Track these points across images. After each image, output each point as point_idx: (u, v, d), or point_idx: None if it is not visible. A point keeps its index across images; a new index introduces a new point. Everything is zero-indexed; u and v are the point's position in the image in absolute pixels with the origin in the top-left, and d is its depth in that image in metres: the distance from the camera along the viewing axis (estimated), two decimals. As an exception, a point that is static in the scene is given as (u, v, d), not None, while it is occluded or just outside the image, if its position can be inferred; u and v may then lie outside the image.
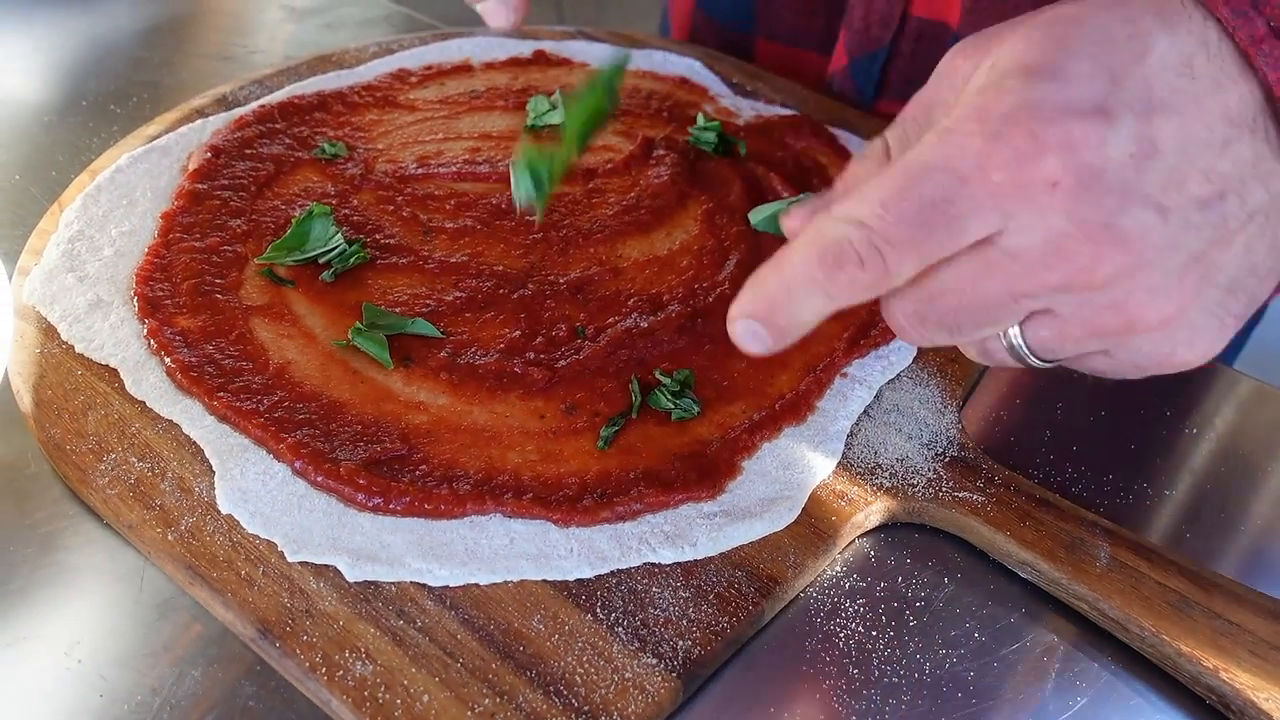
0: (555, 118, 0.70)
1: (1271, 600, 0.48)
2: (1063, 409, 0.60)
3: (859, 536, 0.52)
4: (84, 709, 0.43)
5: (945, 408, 0.56)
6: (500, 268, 0.60)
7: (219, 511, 0.48)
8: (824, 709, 0.45)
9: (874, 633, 0.48)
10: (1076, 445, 0.58)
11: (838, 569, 0.51)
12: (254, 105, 0.70)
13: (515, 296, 0.58)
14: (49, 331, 0.55)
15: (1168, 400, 0.61)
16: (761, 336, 0.41)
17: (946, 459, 0.54)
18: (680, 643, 0.45)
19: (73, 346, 0.54)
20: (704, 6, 0.89)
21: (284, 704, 0.44)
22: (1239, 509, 0.55)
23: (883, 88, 0.80)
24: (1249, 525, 0.55)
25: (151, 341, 0.54)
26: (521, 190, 0.52)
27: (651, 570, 0.48)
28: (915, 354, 0.59)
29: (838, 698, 0.46)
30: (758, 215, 0.65)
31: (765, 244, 0.64)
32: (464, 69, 0.77)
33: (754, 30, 0.85)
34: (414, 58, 0.77)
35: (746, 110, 0.75)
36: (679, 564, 0.48)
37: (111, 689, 0.43)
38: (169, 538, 0.47)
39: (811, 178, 0.69)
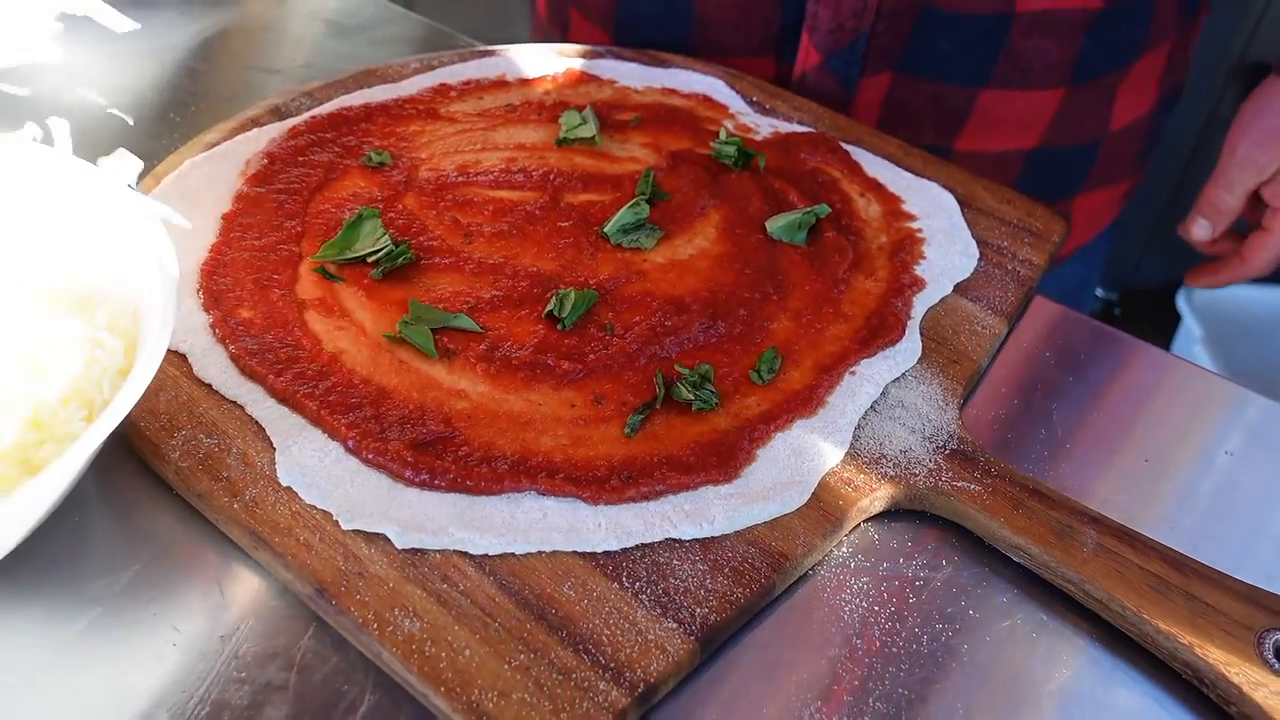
0: (585, 131, 0.75)
1: (1245, 585, 0.52)
2: (1057, 409, 0.64)
3: (865, 521, 0.56)
4: (159, 656, 0.47)
5: (947, 404, 0.60)
6: (535, 269, 0.65)
7: (279, 484, 0.52)
8: (828, 673, 0.50)
9: (876, 607, 0.53)
10: (1069, 443, 0.62)
11: (844, 550, 0.55)
12: (306, 116, 0.75)
13: (548, 296, 0.63)
14: (121, 320, 0.60)
15: (1158, 403, 0.65)
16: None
17: (946, 451, 0.58)
18: (698, 610, 0.49)
19: (143, 334, 0.59)
20: (624, 36, 0.93)
21: (337, 655, 0.48)
22: (1222, 503, 0.59)
23: (862, 71, 0.84)
24: (1230, 518, 0.59)
25: (216, 330, 0.59)
26: None
27: (672, 545, 0.52)
28: (919, 355, 0.63)
29: (841, 664, 0.50)
30: (774, 224, 0.69)
31: (780, 251, 0.68)
32: (500, 84, 0.82)
33: (690, 48, 0.89)
34: (454, 73, 0.82)
35: (765, 127, 0.80)
36: (697, 540, 0.52)
37: (184, 639, 0.48)
38: (235, 506, 0.51)
39: (825, 190, 0.73)
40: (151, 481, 0.54)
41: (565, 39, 0.98)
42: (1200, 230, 0.84)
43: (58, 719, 0.45)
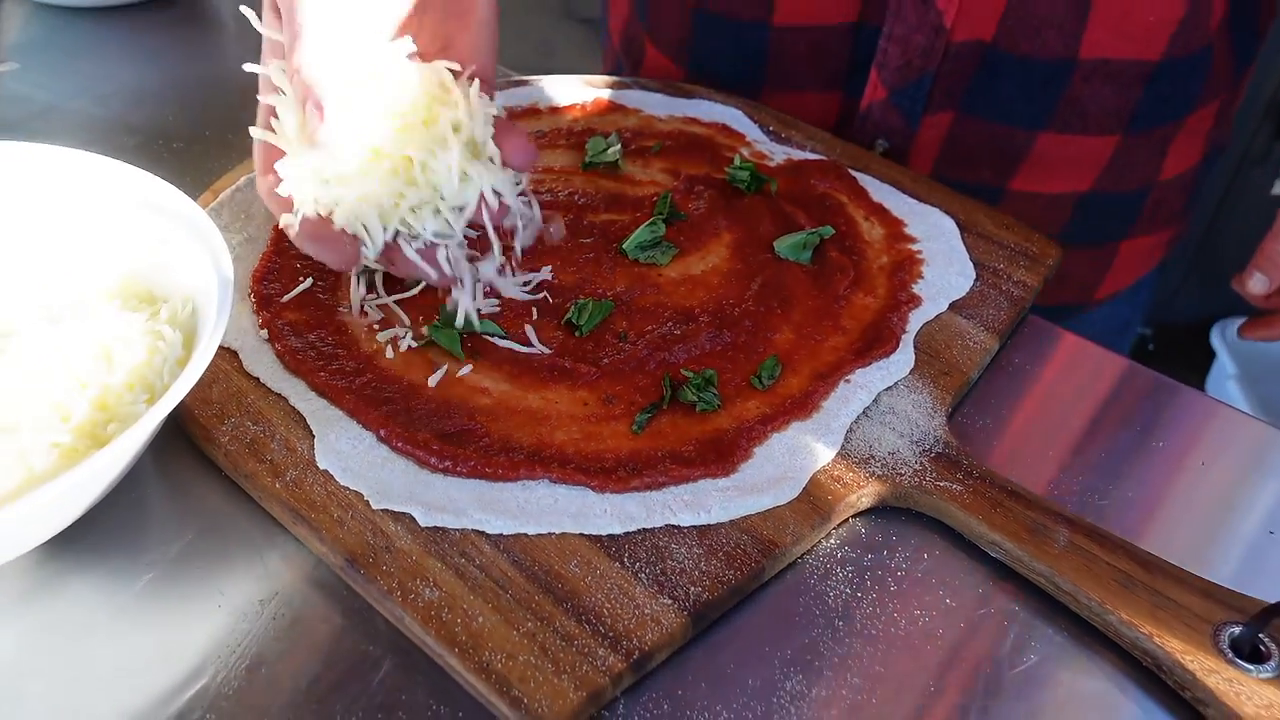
0: (609, 156, 0.81)
1: (1206, 583, 0.56)
2: (1042, 421, 0.68)
3: (853, 516, 0.61)
4: (206, 616, 0.53)
5: (935, 412, 0.65)
6: (556, 280, 0.70)
7: (317, 467, 0.58)
8: (811, 651, 0.54)
9: (859, 594, 0.57)
10: (1051, 451, 0.66)
11: (832, 542, 0.59)
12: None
13: (568, 305, 0.68)
14: (180, 319, 0.66)
15: (1139, 416, 0.68)
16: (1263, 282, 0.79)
17: (933, 454, 0.62)
18: (692, 589, 0.54)
19: (199, 332, 0.65)
20: (697, 69, 0.98)
21: (364, 621, 0.54)
22: (1193, 510, 0.63)
23: (925, 107, 0.89)
24: (1200, 523, 0.62)
25: (265, 330, 0.65)
26: None
27: (672, 530, 0.57)
28: (912, 366, 0.67)
29: (824, 643, 0.54)
30: (781, 244, 0.74)
31: (786, 269, 0.73)
32: (532, 112, 0.88)
33: (761, 82, 0.94)
34: (489, 101, 0.88)
35: (779, 154, 0.85)
36: (695, 526, 0.57)
37: (229, 601, 0.54)
38: (277, 485, 0.57)
39: (831, 214, 0.78)
40: (203, 463, 0.60)
41: (638, 71, 1.04)
42: (1257, 285, 0.85)
43: (117, 667, 0.51)
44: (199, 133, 0.87)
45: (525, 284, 0.70)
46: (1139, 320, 1.11)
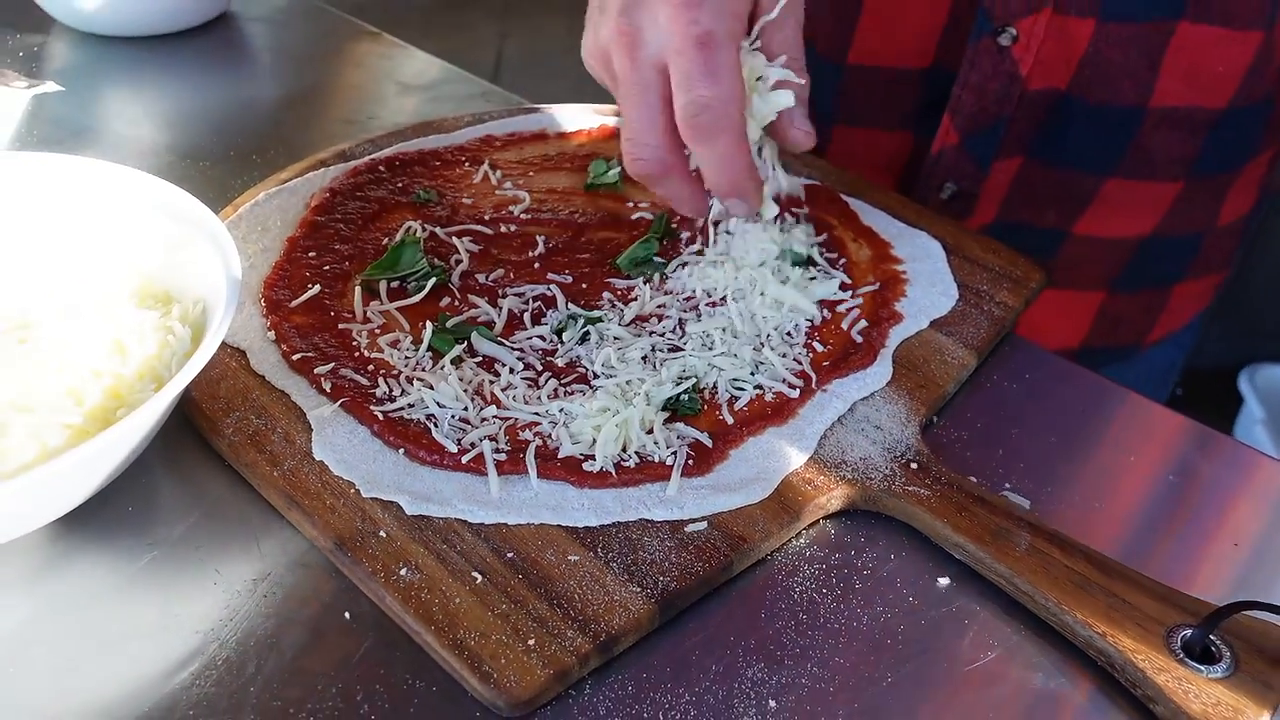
0: (610, 178, 0.84)
1: (1162, 586, 0.58)
2: (1017, 434, 0.70)
3: (823, 518, 0.63)
4: (202, 591, 0.56)
5: (909, 422, 0.67)
6: (550, 293, 0.74)
7: (314, 458, 0.61)
8: (774, 642, 0.56)
9: (824, 590, 0.59)
10: (1023, 462, 0.68)
11: (802, 541, 0.62)
12: (366, 158, 0.86)
13: (559, 315, 0.72)
14: (195, 322, 0.70)
15: (1113, 434, 0.70)
16: None
17: (903, 461, 0.64)
18: (661, 578, 0.57)
19: (212, 333, 0.69)
20: None
21: (349, 602, 0.57)
22: (1152, 516, 0.65)
23: (996, 153, 0.91)
24: (1164, 531, 0.64)
25: (272, 332, 0.69)
26: None
27: (645, 524, 0.59)
28: (889, 379, 0.70)
29: (786, 635, 0.57)
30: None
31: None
32: (540, 137, 0.92)
33: (831, 118, 0.97)
34: (500, 126, 0.92)
35: (776, 179, 0.88)
36: (668, 521, 0.60)
37: (224, 578, 0.57)
38: (275, 474, 0.60)
39: (821, 233, 0.81)
40: (208, 453, 0.64)
41: None
42: None
43: (121, 634, 0.54)
44: (224, 153, 0.92)
45: (522, 295, 0.73)
46: (1180, 364, 1.12)
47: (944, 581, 0.60)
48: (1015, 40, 0.85)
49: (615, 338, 0.70)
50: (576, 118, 0.94)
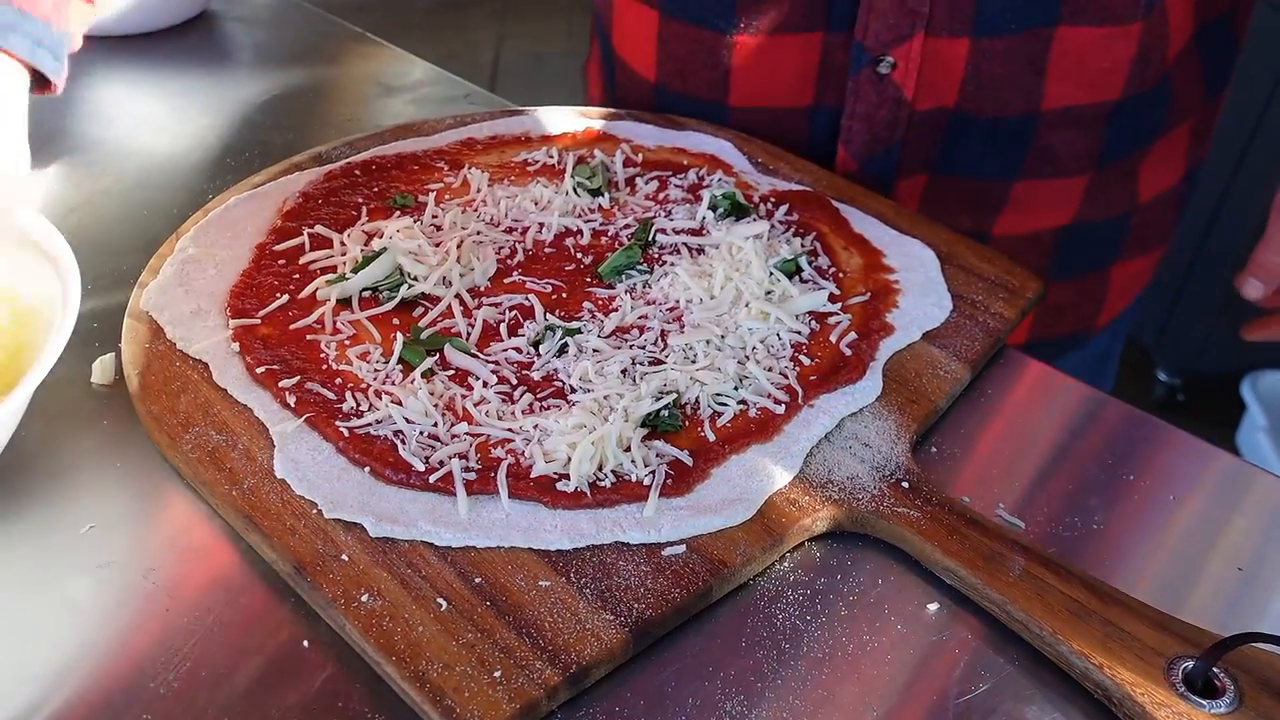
0: (593, 183, 0.82)
1: (1162, 615, 0.55)
2: (1011, 451, 0.67)
3: (809, 540, 0.60)
4: (154, 617, 0.54)
5: (899, 440, 0.64)
6: (528, 303, 0.71)
7: (275, 476, 0.59)
8: (755, 673, 0.54)
9: (808, 617, 0.56)
10: (1018, 481, 0.65)
11: (786, 565, 0.59)
12: (342, 162, 0.83)
13: (538, 326, 0.69)
14: (157, 332, 0.68)
15: (1110, 449, 0.68)
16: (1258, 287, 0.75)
17: (892, 480, 0.62)
18: (636, 605, 0.54)
19: (175, 344, 0.67)
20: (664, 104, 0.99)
21: (309, 629, 0.54)
22: (1155, 541, 0.62)
23: (897, 174, 0.90)
24: (1170, 559, 0.61)
25: (237, 344, 0.66)
26: None
27: (621, 547, 0.57)
28: (879, 394, 0.67)
29: (768, 665, 0.54)
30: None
31: (760, 295, 0.73)
32: (523, 140, 0.89)
33: None
34: (481, 129, 0.90)
35: (764, 184, 0.85)
36: (644, 544, 0.57)
37: (177, 605, 0.54)
38: (234, 493, 0.58)
39: (809, 238, 0.79)
40: (166, 470, 0.61)
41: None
42: (1253, 289, 0.86)
43: (64, 666, 0.52)
44: (199, 156, 0.90)
45: (498, 304, 0.71)
46: (1120, 348, 1.11)
47: (933, 608, 0.58)
48: (894, 68, 0.85)
49: (594, 350, 0.67)
50: (560, 120, 0.92)
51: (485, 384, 0.65)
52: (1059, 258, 0.94)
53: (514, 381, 0.65)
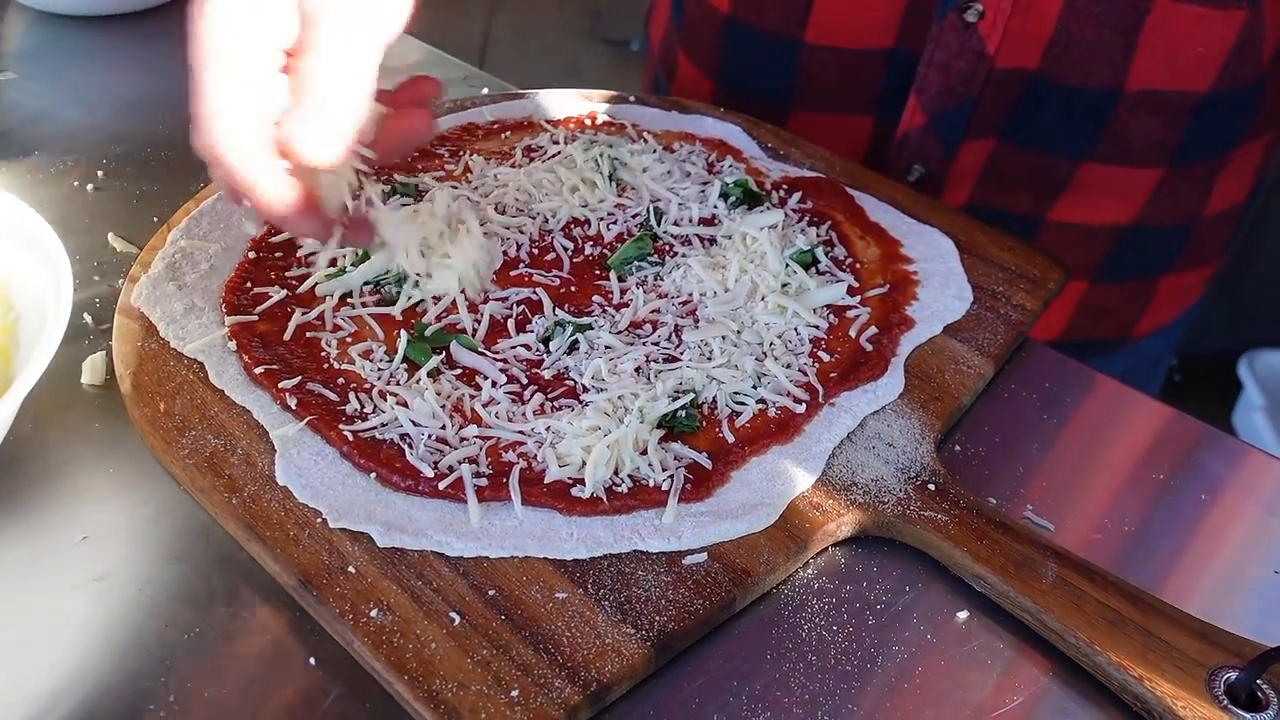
0: (601, 171, 0.79)
1: (1202, 624, 0.53)
2: (1037, 449, 0.65)
3: (832, 545, 0.58)
4: (150, 634, 0.51)
5: (923, 439, 0.62)
6: (536, 296, 0.69)
7: (277, 483, 0.56)
8: (781, 687, 0.51)
9: (834, 627, 0.54)
10: (1045, 480, 0.63)
11: (810, 571, 0.57)
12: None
13: (546, 320, 0.66)
14: (150, 329, 0.65)
15: (1140, 446, 0.66)
16: None
17: (918, 482, 0.59)
18: (657, 618, 0.52)
19: (168, 343, 0.64)
20: (728, 84, 0.96)
21: (316, 645, 0.52)
22: (1190, 544, 0.60)
23: (964, 134, 0.87)
24: (1205, 563, 0.60)
25: (234, 342, 0.64)
26: None
27: (640, 556, 0.54)
28: (901, 390, 0.65)
29: (795, 679, 0.52)
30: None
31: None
32: (526, 125, 0.86)
33: (790, 101, 0.93)
34: (482, 114, 0.86)
35: (776, 171, 0.83)
36: (664, 553, 0.55)
37: (174, 621, 0.52)
38: (233, 501, 0.55)
39: (827, 228, 0.76)
40: (161, 476, 0.58)
41: (670, 86, 1.03)
42: None
43: (58, 684, 0.49)
44: (188, 143, 0.86)
45: (505, 299, 0.68)
46: (1170, 357, 1.08)
47: (962, 616, 0.56)
48: (982, 16, 0.81)
49: (607, 347, 0.65)
50: (564, 104, 0.89)
51: (494, 383, 0.62)
52: (1113, 259, 0.91)
53: (524, 381, 0.63)
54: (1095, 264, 0.92)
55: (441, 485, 0.56)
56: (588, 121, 0.87)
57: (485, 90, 0.95)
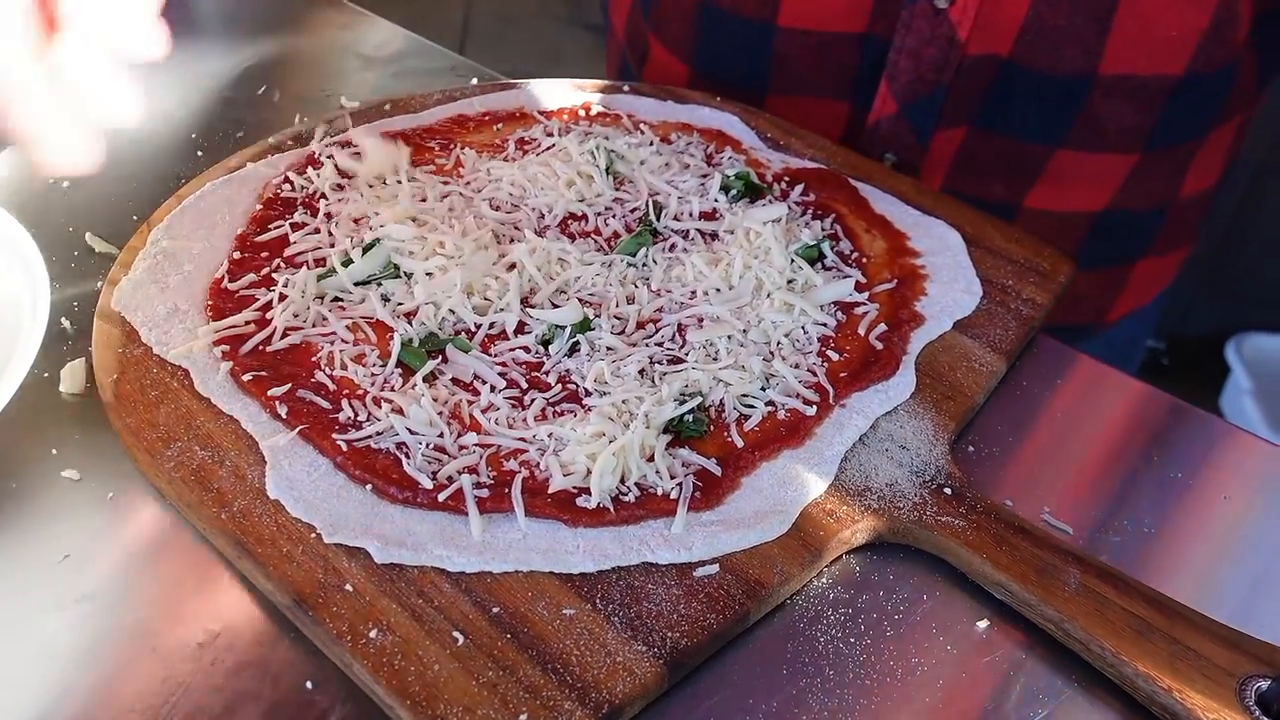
0: (598, 164, 0.76)
1: (1230, 630, 0.52)
2: (1052, 448, 0.63)
3: (847, 553, 0.56)
4: (139, 658, 0.49)
5: (937, 440, 0.60)
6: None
7: (268, 496, 0.54)
8: (799, 703, 0.49)
9: (851, 639, 0.52)
10: (1062, 481, 0.61)
11: (825, 580, 0.55)
12: (327, 141, 0.77)
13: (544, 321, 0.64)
14: (131, 334, 0.62)
15: (1155, 445, 0.64)
16: None
17: (933, 486, 0.57)
18: (669, 634, 0.49)
19: (151, 348, 0.61)
20: (702, 67, 0.94)
21: (313, 668, 0.49)
22: (1211, 545, 0.58)
23: (937, 123, 0.85)
24: (1224, 562, 0.58)
25: (220, 347, 0.61)
26: None
27: (649, 568, 0.52)
28: (913, 390, 0.63)
29: (813, 694, 0.50)
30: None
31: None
32: (518, 116, 0.83)
33: (767, 85, 0.90)
34: (472, 105, 0.84)
35: (777, 162, 0.80)
36: (674, 565, 0.52)
37: (163, 644, 0.49)
38: (223, 516, 0.53)
39: (831, 222, 0.74)
40: (146, 490, 0.56)
41: (641, 71, 1.00)
42: None
43: (42, 711, 0.47)
44: (167, 136, 0.84)
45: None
46: (1148, 335, 1.07)
47: (983, 625, 0.54)
48: (952, 2, 0.79)
49: (609, 348, 0.63)
50: (556, 94, 0.86)
51: (493, 388, 0.60)
52: (1088, 244, 0.90)
53: (524, 385, 0.60)
54: (1071, 250, 0.91)
55: (441, 497, 0.54)
56: (581, 112, 0.84)
57: (474, 80, 0.92)
